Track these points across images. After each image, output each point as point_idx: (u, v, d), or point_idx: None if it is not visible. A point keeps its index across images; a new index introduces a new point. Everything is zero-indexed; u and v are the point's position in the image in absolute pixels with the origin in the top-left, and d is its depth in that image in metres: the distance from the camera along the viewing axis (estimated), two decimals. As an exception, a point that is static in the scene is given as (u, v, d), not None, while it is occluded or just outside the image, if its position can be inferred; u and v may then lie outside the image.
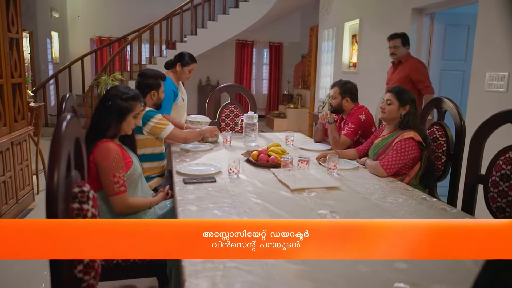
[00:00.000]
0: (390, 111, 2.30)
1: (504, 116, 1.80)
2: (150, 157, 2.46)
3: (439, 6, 3.70)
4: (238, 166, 2.08)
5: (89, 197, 1.09)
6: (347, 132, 2.78)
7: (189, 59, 3.08)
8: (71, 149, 1.08)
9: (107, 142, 1.82)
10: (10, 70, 3.14)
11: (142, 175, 2.04)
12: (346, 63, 5.41)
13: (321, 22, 6.38)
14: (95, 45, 8.58)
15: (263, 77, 10.03)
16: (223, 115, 3.52)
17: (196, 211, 1.60)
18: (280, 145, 2.52)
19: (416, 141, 2.22)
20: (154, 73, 2.54)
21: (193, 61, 3.10)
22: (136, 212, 1.90)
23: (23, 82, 3.39)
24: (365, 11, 4.92)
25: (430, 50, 3.97)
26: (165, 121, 2.47)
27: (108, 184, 1.78)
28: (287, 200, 1.76)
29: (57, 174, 0.92)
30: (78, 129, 1.17)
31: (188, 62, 3.07)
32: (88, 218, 1.07)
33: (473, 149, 1.91)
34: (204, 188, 1.89)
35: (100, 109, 1.88)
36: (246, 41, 9.55)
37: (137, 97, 1.91)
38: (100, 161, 1.77)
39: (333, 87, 2.95)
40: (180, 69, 3.07)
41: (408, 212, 1.66)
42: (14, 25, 3.23)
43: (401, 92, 2.30)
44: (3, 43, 3.03)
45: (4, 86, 3.05)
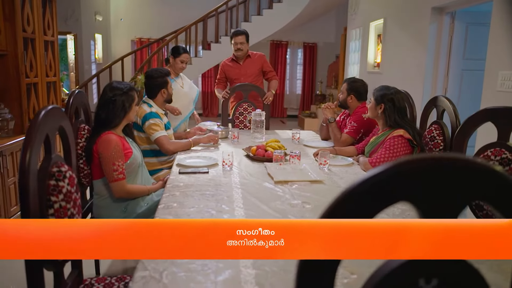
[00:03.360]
0: (369, 109, 2.40)
1: (484, 114, 1.81)
2: (152, 152, 2.71)
3: (458, 5, 3.64)
4: (231, 159, 2.22)
5: (65, 176, 1.28)
6: (349, 130, 2.84)
7: (182, 50, 3.36)
8: (52, 135, 1.27)
9: (109, 134, 2.02)
10: (45, 69, 3.48)
11: (143, 165, 2.24)
12: (371, 63, 5.39)
13: (349, 22, 6.38)
14: (135, 46, 9.04)
15: (296, 77, 10.10)
16: (237, 113, 3.67)
17: (178, 196, 1.76)
18: (279, 141, 2.63)
19: (406, 139, 2.26)
20: (160, 73, 2.74)
21: (185, 52, 3.37)
22: (135, 198, 2.10)
23: (58, 81, 3.73)
24: (388, 10, 4.90)
25: (451, 49, 3.90)
26: (158, 127, 2.60)
27: (108, 171, 1.99)
28: (266, 190, 1.88)
29: (29, 154, 1.10)
30: (62, 120, 1.37)
31: (180, 52, 3.34)
32: (64, 194, 1.26)
33: (456, 147, 1.94)
34: (196, 178, 2.05)
35: (106, 106, 2.07)
36: (280, 42, 9.67)
37: (133, 88, 2.12)
38: (101, 151, 1.98)
39: (344, 83, 3.03)
40: (173, 61, 3.36)
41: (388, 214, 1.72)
42: (49, 29, 3.57)
43: (376, 91, 2.38)
44: (39, 45, 3.36)
45: (39, 84, 3.38)
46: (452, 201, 0.62)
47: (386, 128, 2.40)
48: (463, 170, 0.60)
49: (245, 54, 3.83)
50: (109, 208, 2.07)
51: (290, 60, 9.98)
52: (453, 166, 0.59)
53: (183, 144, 2.68)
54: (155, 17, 9.12)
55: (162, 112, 2.77)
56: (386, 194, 0.60)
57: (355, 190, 0.59)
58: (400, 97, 2.39)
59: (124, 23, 9.18)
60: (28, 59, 3.21)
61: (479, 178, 0.61)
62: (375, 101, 2.37)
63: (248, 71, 3.83)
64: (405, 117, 2.39)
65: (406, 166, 0.59)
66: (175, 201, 1.69)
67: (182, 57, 3.35)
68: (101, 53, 8.43)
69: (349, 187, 0.59)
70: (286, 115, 10.13)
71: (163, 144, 2.59)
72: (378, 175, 0.58)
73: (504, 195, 0.61)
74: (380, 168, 0.58)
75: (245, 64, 3.85)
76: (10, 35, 3.00)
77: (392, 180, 0.60)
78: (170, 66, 3.40)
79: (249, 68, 3.84)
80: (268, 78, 3.91)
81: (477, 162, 0.60)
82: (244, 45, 3.77)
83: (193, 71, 8.01)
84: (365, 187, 0.60)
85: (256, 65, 3.85)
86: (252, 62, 3.85)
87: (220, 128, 3.25)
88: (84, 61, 7.57)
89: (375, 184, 0.60)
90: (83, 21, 7.41)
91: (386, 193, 0.60)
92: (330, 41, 9.71)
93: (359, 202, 0.60)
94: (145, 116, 2.61)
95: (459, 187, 0.60)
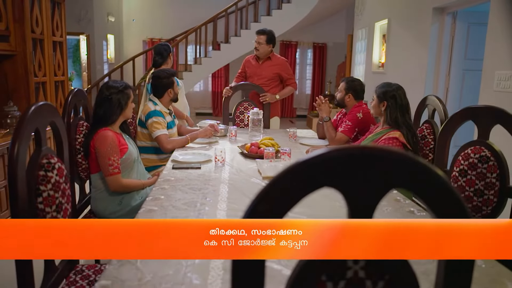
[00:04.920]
0: (372, 107, 2.42)
1: (465, 113, 1.85)
2: (153, 149, 2.80)
3: (458, 5, 3.65)
4: (224, 155, 2.30)
5: (54, 167, 1.38)
6: (344, 129, 2.89)
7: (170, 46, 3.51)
8: (42, 129, 1.37)
9: (106, 131, 2.12)
10: (53, 69, 3.62)
11: (138, 160, 2.34)
12: (376, 63, 5.41)
13: (355, 22, 6.40)
14: (147, 46, 9.21)
15: (306, 77, 10.14)
16: (238, 112, 3.76)
17: (168, 189, 1.85)
18: (273, 139, 2.70)
19: (401, 142, 2.29)
20: (166, 73, 2.83)
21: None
22: (130, 192, 2.20)
23: (66, 80, 3.87)
24: (392, 11, 4.91)
25: (452, 49, 3.91)
26: (160, 125, 2.70)
27: (104, 166, 2.09)
28: (251, 185, 1.96)
29: (17, 146, 1.20)
30: (54, 116, 1.47)
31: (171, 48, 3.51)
32: (52, 184, 1.35)
33: (439, 145, 1.98)
34: (188, 173, 2.14)
35: (103, 105, 2.17)
36: (290, 42, 9.72)
37: (128, 85, 2.22)
38: (98, 146, 2.08)
39: (342, 82, 3.08)
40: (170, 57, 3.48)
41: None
42: (58, 30, 3.71)
43: (378, 88, 2.40)
44: (48, 46, 3.50)
45: (47, 83, 3.52)
46: (373, 187, 0.68)
47: (385, 126, 2.44)
48: (383, 158, 0.66)
49: (265, 55, 3.78)
50: (105, 201, 2.17)
51: (299, 60, 10.02)
52: (374, 155, 0.66)
53: (181, 141, 2.76)
54: (166, 18, 9.28)
55: (167, 111, 2.86)
56: (311, 180, 0.67)
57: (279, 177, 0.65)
58: (402, 93, 2.40)
59: (136, 23, 9.36)
60: (36, 59, 3.35)
61: (398, 166, 0.67)
62: (378, 98, 2.39)
63: (263, 73, 3.79)
64: (406, 115, 2.41)
65: (331, 154, 0.65)
66: (163, 194, 1.78)
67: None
68: (113, 53, 8.62)
69: (277, 174, 0.65)
70: (296, 115, 10.18)
71: (162, 142, 2.68)
72: (304, 163, 0.64)
73: (421, 181, 0.67)
74: (307, 156, 0.65)
75: (263, 65, 3.81)
76: (20, 36, 3.14)
77: (316, 167, 0.66)
78: (167, 64, 3.46)
79: (265, 70, 3.79)
80: (286, 85, 3.87)
81: (396, 151, 0.66)
82: (262, 45, 3.73)
83: (203, 71, 8.14)
84: (292, 173, 0.66)
85: (273, 69, 3.79)
86: (270, 65, 3.80)
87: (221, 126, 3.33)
88: (96, 61, 7.75)
89: (300, 171, 0.66)
90: (95, 22, 7.60)
91: (311, 179, 0.67)
92: (340, 41, 9.72)
93: (285, 187, 0.67)
94: (149, 114, 2.71)
95: (380, 174, 0.66)
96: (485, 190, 1.75)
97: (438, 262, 0.76)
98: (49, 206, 1.34)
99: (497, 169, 1.72)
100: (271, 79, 3.78)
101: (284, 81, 3.84)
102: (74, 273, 1.59)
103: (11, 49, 3.12)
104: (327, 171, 0.66)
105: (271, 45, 3.75)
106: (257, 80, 3.78)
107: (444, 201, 0.68)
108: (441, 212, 0.69)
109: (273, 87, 3.80)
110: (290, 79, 3.84)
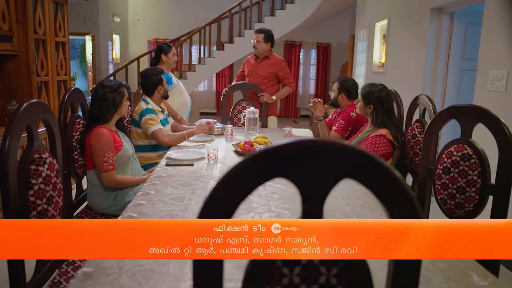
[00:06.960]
0: (358, 108, 2.47)
1: (448, 112, 1.89)
2: (150, 147, 2.87)
3: (456, 5, 3.67)
4: (216, 153, 2.36)
5: (45, 162, 1.44)
6: (337, 128, 2.94)
7: (167, 46, 3.52)
8: (34, 126, 1.44)
9: (101, 128, 2.19)
10: (56, 69, 3.71)
11: (134, 157, 2.40)
12: (376, 63, 5.43)
13: (357, 22, 6.42)
14: (152, 46, 9.30)
15: (310, 77, 10.17)
16: (236, 111, 3.81)
17: (158, 185, 1.91)
18: (266, 137, 2.75)
19: (388, 139, 2.33)
20: (153, 71, 2.91)
21: (171, 46, 3.54)
22: (124, 188, 2.26)
23: (68, 79, 3.95)
24: (392, 11, 4.94)
25: (450, 49, 3.93)
26: (154, 121, 2.76)
27: (99, 162, 2.16)
28: (240, 181, 2.01)
29: (8, 140, 1.26)
30: (46, 113, 1.53)
31: (170, 46, 3.53)
32: (43, 177, 1.42)
33: (425, 144, 2.01)
34: (180, 170, 2.20)
35: (98, 103, 2.24)
36: (294, 42, 9.76)
37: (122, 84, 2.29)
38: (93, 144, 2.15)
39: (335, 82, 3.13)
40: (166, 58, 3.49)
41: (349, 205, 1.82)
42: (61, 31, 3.80)
43: (363, 90, 2.45)
44: (50, 46, 3.59)
45: (49, 83, 3.61)
46: (322, 178, 0.72)
47: (371, 126, 2.49)
48: (332, 150, 0.71)
49: (262, 53, 3.82)
50: (100, 196, 2.24)
51: (303, 60, 10.06)
52: (323, 147, 0.71)
53: (178, 137, 2.82)
54: (171, 18, 9.38)
55: (159, 109, 2.93)
56: (264, 171, 0.72)
57: (236, 168, 0.70)
58: (387, 93, 2.45)
59: (141, 24, 9.47)
60: (39, 59, 3.43)
61: (346, 158, 0.71)
62: (364, 101, 2.44)
63: (260, 72, 3.83)
64: (392, 116, 2.46)
65: (282, 146, 0.70)
66: (153, 189, 1.84)
67: (173, 50, 3.53)
68: (118, 53, 8.73)
69: (233, 165, 0.69)
70: (299, 114, 10.22)
71: (158, 136, 2.74)
72: (257, 154, 0.69)
73: (368, 173, 0.72)
74: (261, 149, 0.70)
75: (261, 64, 3.86)
76: (22, 36, 3.22)
77: (269, 158, 0.71)
78: (163, 63, 3.51)
79: (262, 69, 3.84)
80: (283, 85, 3.92)
81: (344, 144, 0.71)
82: (260, 44, 3.77)
83: (207, 71, 8.22)
84: (248, 164, 0.71)
85: (269, 68, 3.83)
86: (267, 64, 3.84)
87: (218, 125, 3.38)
88: (101, 61, 7.87)
89: (254, 162, 0.71)
90: (101, 23, 7.71)
91: (264, 169, 0.72)
92: (344, 41, 9.73)
93: (241, 177, 0.72)
94: (142, 112, 2.78)
95: (329, 165, 0.71)
96: (467, 188, 1.78)
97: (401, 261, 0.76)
98: (40, 199, 1.41)
99: (478, 166, 1.76)
100: (268, 78, 3.83)
101: (281, 80, 3.88)
102: (66, 264, 1.65)
103: (14, 50, 3.20)
104: (279, 162, 0.71)
105: (269, 44, 3.81)
106: (254, 79, 3.83)
107: (391, 192, 0.71)
108: (389, 203, 0.71)
109: (269, 86, 3.84)
110: (287, 79, 3.88)
